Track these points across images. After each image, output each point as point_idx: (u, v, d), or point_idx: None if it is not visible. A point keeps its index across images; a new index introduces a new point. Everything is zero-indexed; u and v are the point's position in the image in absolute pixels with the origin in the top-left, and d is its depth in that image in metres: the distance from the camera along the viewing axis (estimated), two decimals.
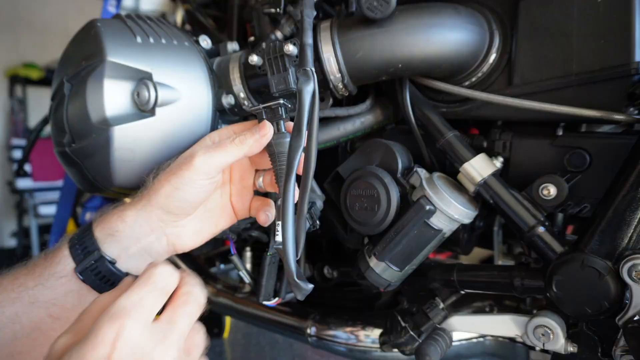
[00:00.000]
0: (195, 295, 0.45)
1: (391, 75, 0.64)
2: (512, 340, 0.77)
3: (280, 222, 0.53)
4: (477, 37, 0.63)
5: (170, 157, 0.63)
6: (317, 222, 0.66)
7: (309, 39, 0.58)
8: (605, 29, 0.56)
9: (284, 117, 0.58)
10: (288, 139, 0.56)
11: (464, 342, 0.79)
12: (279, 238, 0.55)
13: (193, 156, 0.55)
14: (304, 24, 0.59)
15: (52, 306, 0.54)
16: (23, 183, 3.40)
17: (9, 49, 3.67)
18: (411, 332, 0.72)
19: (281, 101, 0.58)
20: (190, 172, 0.54)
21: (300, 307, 0.96)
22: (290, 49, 0.58)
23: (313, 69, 0.55)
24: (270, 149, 0.58)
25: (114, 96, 0.58)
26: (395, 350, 0.76)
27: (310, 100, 0.53)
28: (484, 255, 1.28)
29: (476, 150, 0.64)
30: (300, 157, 0.52)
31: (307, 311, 0.94)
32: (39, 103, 3.80)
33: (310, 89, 0.53)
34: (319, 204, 0.74)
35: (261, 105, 0.59)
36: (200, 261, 1.20)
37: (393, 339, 0.74)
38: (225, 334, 1.72)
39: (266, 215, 0.62)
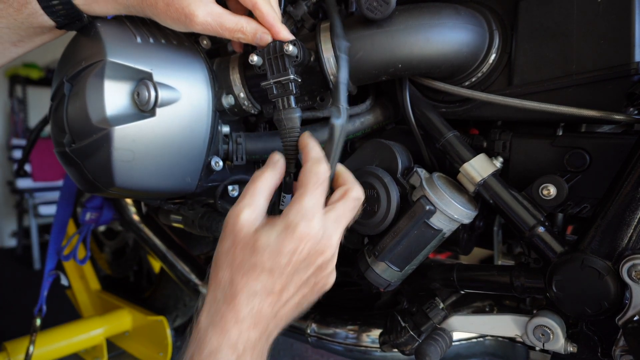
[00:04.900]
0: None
1: (391, 76, 0.64)
2: (512, 340, 0.77)
3: (287, 195, 0.57)
4: (477, 37, 0.63)
5: (170, 158, 0.63)
6: None
7: (344, 77, 0.59)
8: (605, 29, 0.56)
9: (294, 92, 0.59)
10: (298, 115, 0.58)
11: (464, 342, 0.79)
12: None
13: None
14: (340, 62, 0.60)
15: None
16: (23, 183, 3.39)
17: None
18: (411, 332, 0.72)
19: (291, 76, 0.59)
20: None
21: None
22: (290, 49, 0.58)
23: (346, 107, 0.57)
24: (280, 124, 0.59)
25: (114, 96, 0.58)
26: (395, 350, 0.76)
27: (340, 133, 0.56)
28: (484, 255, 1.28)
29: (476, 150, 0.64)
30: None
31: (307, 311, 0.93)
32: (39, 103, 3.79)
33: (341, 123, 0.56)
34: None
35: (272, 80, 0.59)
36: (200, 261, 1.20)
37: (393, 338, 0.74)
38: None
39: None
